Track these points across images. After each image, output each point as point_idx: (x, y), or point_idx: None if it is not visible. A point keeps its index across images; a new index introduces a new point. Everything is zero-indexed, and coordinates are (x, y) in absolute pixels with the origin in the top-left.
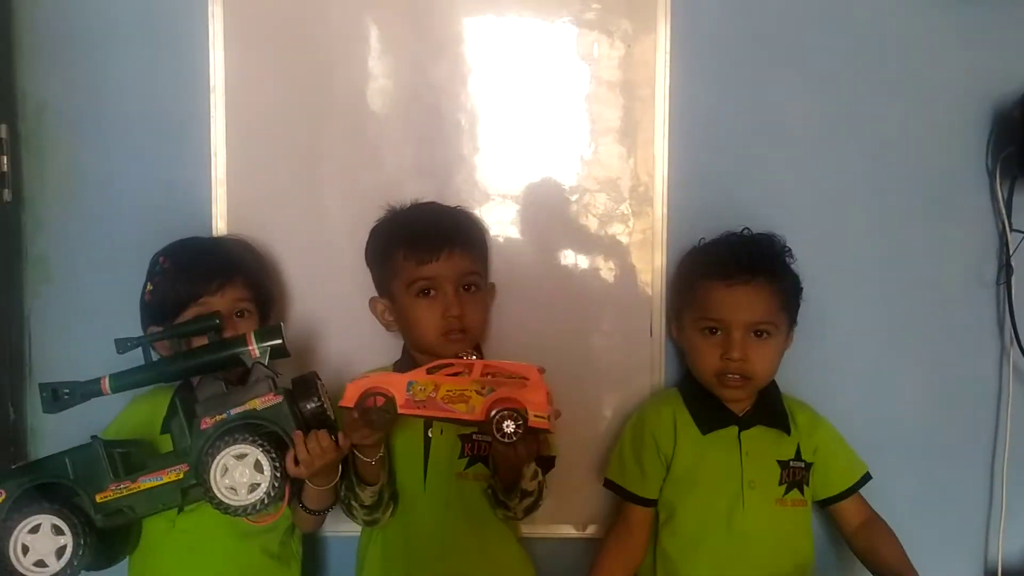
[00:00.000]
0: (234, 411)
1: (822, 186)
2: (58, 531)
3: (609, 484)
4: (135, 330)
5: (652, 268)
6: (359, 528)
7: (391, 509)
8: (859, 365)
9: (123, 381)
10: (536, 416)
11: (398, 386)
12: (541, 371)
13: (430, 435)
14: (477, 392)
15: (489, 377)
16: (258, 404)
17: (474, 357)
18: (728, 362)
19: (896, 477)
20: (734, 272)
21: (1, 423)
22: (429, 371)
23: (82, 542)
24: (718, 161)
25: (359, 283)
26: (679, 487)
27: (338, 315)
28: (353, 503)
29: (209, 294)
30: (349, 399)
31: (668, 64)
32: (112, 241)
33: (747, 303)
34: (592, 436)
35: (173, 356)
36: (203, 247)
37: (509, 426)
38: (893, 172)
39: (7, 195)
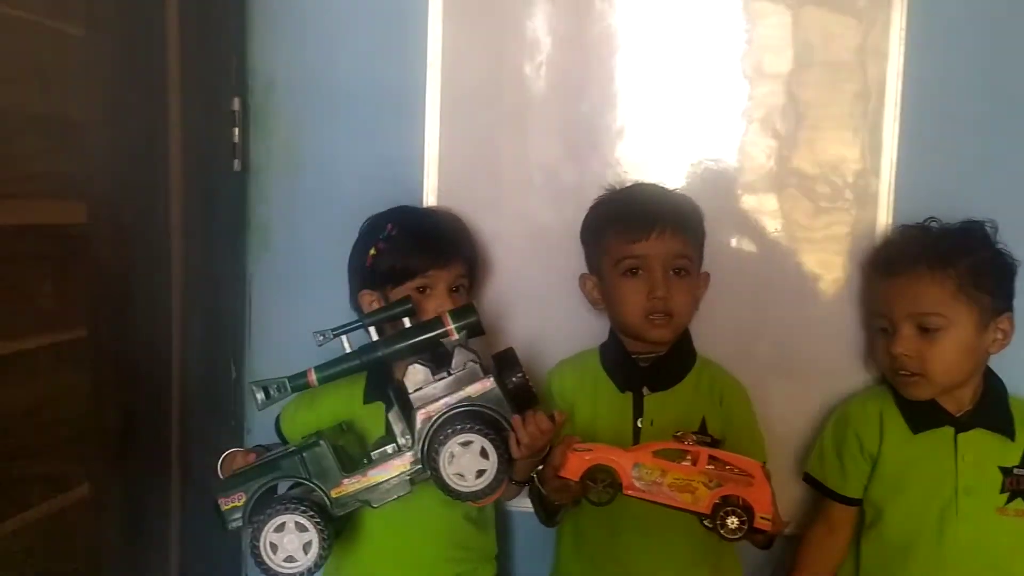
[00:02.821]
0: (451, 400)
1: None
2: (301, 528)
3: (808, 479)
4: (346, 295)
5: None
6: None
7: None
8: None
9: (328, 372)
10: (762, 518)
11: (623, 466)
12: (763, 467)
13: (639, 425)
14: (704, 484)
15: (714, 469)
16: (473, 392)
17: (693, 438)
18: (893, 359)
19: None
20: (891, 264)
21: (223, 381)
22: (655, 453)
23: (325, 536)
24: (952, 149)
25: (563, 262)
26: (886, 488)
27: (539, 293)
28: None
29: (437, 267)
30: (572, 471)
31: (903, 43)
32: (328, 212)
33: (908, 294)
34: (797, 433)
35: (374, 344)
36: (432, 219)
37: (733, 522)
38: None
39: (237, 165)
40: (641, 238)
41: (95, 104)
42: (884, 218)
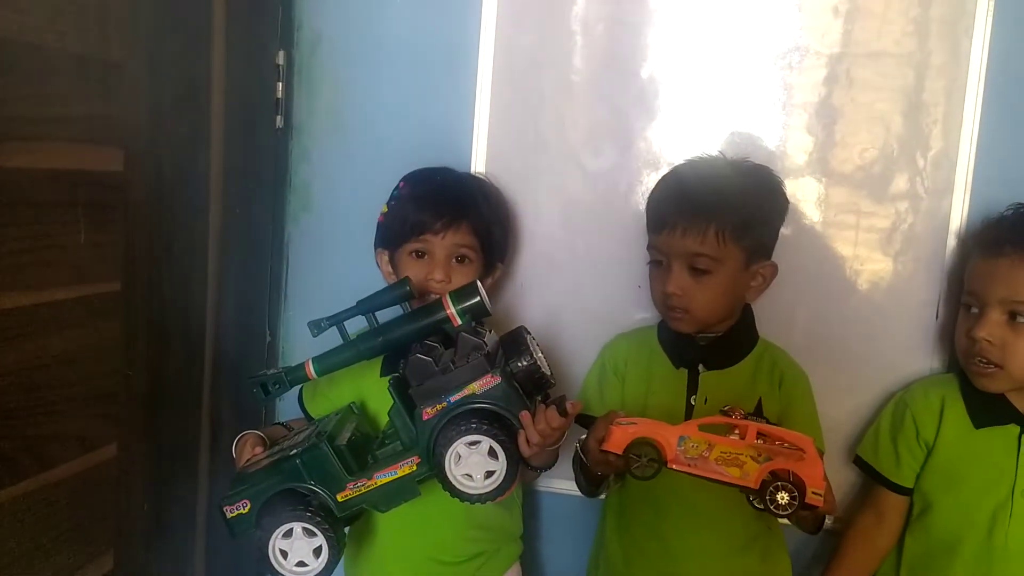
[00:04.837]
0: (454, 398)
1: None
2: (309, 533)
3: (859, 462)
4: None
5: (945, 247)
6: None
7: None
8: None
9: (327, 363)
10: (814, 493)
11: (668, 439)
12: (813, 442)
13: (692, 402)
14: (752, 458)
15: (764, 443)
16: (477, 388)
17: (742, 412)
18: (972, 342)
19: None
20: (998, 243)
21: (258, 344)
22: (702, 427)
23: (335, 540)
24: None
25: (598, 240)
26: (938, 481)
27: (571, 269)
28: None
29: (432, 233)
30: (616, 445)
31: (990, 15)
32: (372, 174)
33: (1007, 278)
34: (857, 422)
35: (372, 331)
36: (443, 182)
37: (784, 498)
38: None
39: (279, 122)
40: (660, 230)
41: (137, 48)
42: (962, 203)
